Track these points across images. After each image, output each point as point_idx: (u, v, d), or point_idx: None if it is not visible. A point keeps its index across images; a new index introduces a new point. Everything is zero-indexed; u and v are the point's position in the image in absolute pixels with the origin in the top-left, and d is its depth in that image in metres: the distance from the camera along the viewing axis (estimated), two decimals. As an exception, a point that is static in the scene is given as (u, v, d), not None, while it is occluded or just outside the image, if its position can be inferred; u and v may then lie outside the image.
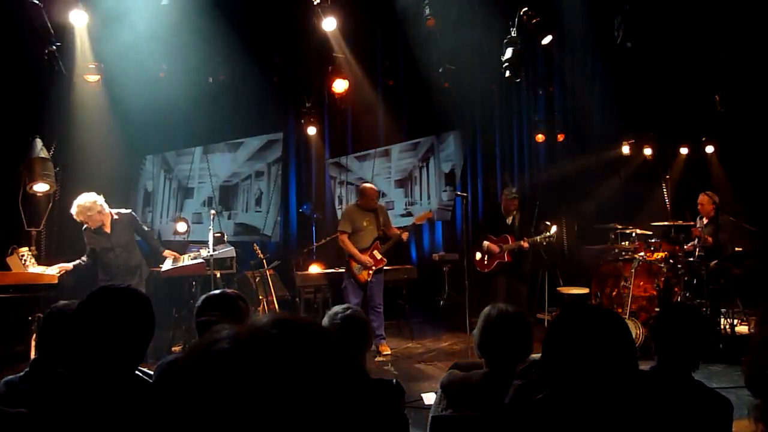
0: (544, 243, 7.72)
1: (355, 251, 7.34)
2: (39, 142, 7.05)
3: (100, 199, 6.39)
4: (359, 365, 0.77)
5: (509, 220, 7.99)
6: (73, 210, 6.29)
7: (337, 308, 2.91)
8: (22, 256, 6.43)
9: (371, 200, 7.48)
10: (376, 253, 7.44)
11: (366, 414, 0.74)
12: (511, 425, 2.14)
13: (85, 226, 6.46)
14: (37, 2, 6.04)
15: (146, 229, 7.01)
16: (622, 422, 1.76)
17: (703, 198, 7.83)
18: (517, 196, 7.92)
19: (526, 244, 7.70)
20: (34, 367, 2.65)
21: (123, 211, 6.69)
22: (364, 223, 7.45)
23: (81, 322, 2.00)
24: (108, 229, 6.49)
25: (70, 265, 6.57)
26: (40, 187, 6.97)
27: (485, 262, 7.92)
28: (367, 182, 7.99)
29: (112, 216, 6.52)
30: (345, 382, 0.74)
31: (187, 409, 0.69)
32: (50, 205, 7.42)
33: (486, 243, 7.91)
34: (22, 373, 2.67)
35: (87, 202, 6.28)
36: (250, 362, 0.70)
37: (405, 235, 7.65)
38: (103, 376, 1.87)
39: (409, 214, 10.80)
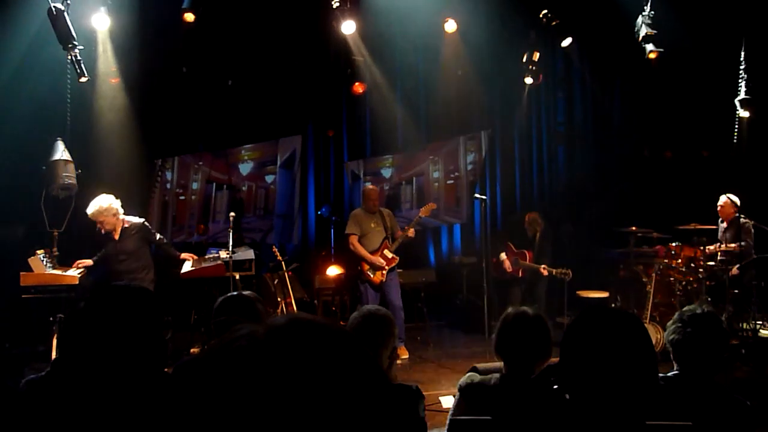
0: (558, 276, 7.73)
1: (366, 253, 7.37)
2: (61, 144, 7.12)
3: (117, 203, 6.39)
4: (376, 366, 0.77)
5: (530, 235, 8.13)
6: (90, 210, 6.29)
7: (368, 306, 2.97)
8: (43, 257, 6.48)
9: (371, 200, 7.56)
10: (386, 252, 7.45)
11: (382, 417, 0.74)
12: (529, 429, 2.13)
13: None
14: (60, 6, 6.10)
15: (158, 236, 6.94)
16: (641, 428, 1.74)
17: (724, 201, 7.71)
18: (541, 222, 8.13)
19: (545, 272, 7.77)
20: (56, 368, 2.67)
21: (135, 220, 6.65)
22: (372, 225, 7.51)
23: (83, 324, 2.04)
24: (117, 236, 6.48)
25: (89, 261, 6.63)
26: (62, 189, 7.03)
27: (501, 269, 8.08)
28: (369, 184, 8.06)
29: (123, 223, 6.51)
30: (359, 383, 0.74)
31: (203, 405, 0.70)
32: (72, 206, 7.47)
33: (502, 256, 8.07)
34: (43, 373, 2.70)
35: (104, 204, 6.29)
36: (266, 361, 0.71)
37: (411, 232, 7.65)
38: (120, 373, 1.89)
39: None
